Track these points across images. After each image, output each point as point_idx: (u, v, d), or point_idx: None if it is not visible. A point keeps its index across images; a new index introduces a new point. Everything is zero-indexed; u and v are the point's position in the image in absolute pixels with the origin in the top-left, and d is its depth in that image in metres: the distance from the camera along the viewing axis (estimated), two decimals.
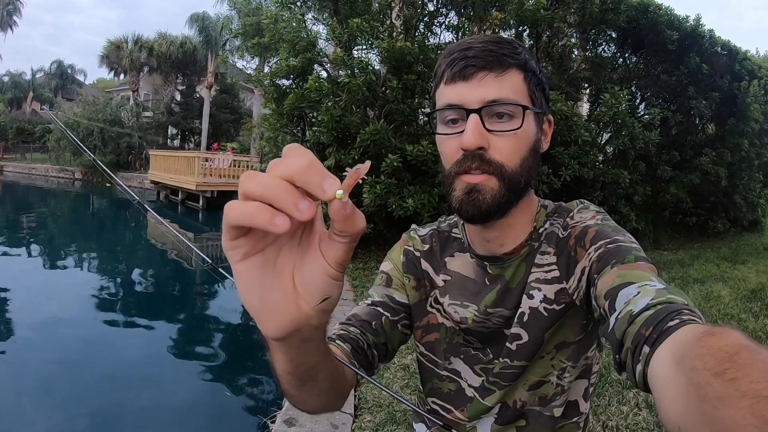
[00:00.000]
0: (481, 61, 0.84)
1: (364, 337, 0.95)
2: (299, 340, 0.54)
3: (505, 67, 0.85)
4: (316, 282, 0.47)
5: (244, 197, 0.43)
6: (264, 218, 0.41)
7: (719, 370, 0.39)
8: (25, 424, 4.36)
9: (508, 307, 0.94)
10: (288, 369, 0.62)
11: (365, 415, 3.40)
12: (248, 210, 0.41)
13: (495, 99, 0.83)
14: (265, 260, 0.46)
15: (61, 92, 46.58)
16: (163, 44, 31.22)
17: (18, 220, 17.09)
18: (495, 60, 0.84)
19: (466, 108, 0.84)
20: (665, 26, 8.76)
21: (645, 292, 0.65)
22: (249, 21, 12.66)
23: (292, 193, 0.41)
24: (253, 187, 0.42)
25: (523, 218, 0.94)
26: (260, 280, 0.46)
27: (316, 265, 0.47)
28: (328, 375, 0.71)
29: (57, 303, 7.68)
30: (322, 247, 0.46)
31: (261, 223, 0.41)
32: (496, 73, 0.84)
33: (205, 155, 19.58)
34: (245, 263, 0.46)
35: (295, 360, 0.60)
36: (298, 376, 0.64)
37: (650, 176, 9.48)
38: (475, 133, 0.82)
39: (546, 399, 0.96)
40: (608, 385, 3.81)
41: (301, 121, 7.87)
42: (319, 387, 0.71)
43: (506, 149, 0.84)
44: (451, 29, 7.89)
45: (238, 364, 6.03)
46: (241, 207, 0.42)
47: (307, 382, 0.68)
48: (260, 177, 0.42)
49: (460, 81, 0.85)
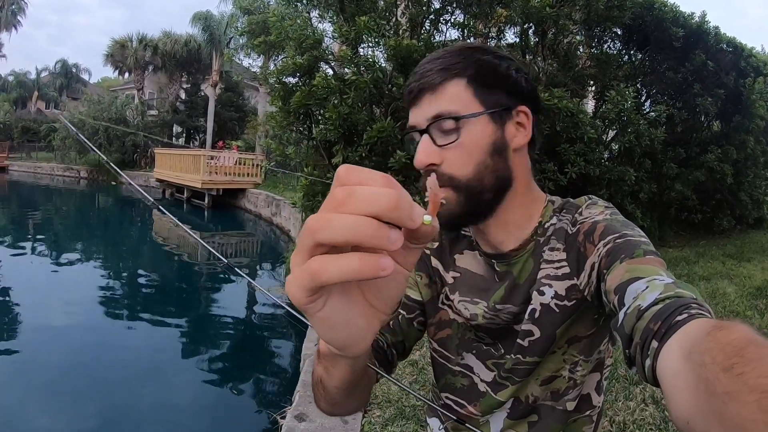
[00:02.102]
0: (419, 83, 0.89)
1: (383, 337, 0.98)
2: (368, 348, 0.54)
3: (440, 81, 0.88)
4: (396, 291, 0.46)
5: (318, 246, 0.39)
6: (371, 269, 0.38)
7: (727, 365, 0.40)
8: (34, 421, 4.39)
9: (516, 303, 0.95)
10: (348, 378, 0.65)
11: (375, 410, 3.43)
12: (350, 266, 0.38)
13: (435, 115, 0.87)
14: (340, 297, 0.44)
15: (66, 91, 46.58)
16: (167, 43, 31.14)
17: (24, 219, 17.12)
18: (431, 77, 0.88)
19: (418, 129, 0.89)
20: (671, 23, 8.70)
21: (653, 287, 0.65)
22: (255, 19, 12.65)
23: (382, 229, 0.38)
24: (336, 234, 0.38)
25: (518, 215, 0.95)
26: (343, 317, 0.45)
27: (396, 276, 0.45)
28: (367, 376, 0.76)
29: (63, 301, 7.70)
30: (397, 257, 0.43)
31: (369, 275, 0.38)
32: (432, 89, 0.88)
33: (210, 153, 19.58)
34: (326, 310, 0.43)
35: (357, 368, 0.63)
36: (353, 383, 0.67)
37: (656, 173, 9.43)
38: (423, 152, 0.87)
39: (558, 393, 0.97)
40: (615, 381, 3.83)
41: (307, 118, 7.87)
42: (362, 387, 0.76)
43: (455, 161, 0.87)
44: (457, 27, 7.88)
45: (247, 361, 6.05)
46: (338, 264, 0.38)
47: (357, 387, 0.72)
48: (340, 221, 0.38)
49: (413, 106, 0.91)
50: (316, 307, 0.43)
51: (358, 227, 0.37)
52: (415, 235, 0.42)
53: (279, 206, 15.13)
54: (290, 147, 8.40)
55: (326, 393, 0.72)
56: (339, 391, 0.69)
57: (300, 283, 0.40)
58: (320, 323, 0.44)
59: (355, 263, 0.38)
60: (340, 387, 0.68)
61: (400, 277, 0.45)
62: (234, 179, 18.84)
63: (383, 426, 3.25)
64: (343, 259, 0.38)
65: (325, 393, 0.72)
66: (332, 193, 0.40)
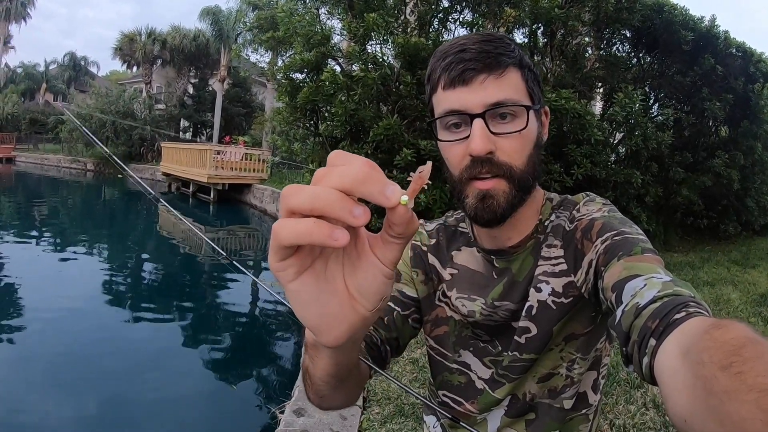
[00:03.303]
0: (479, 63, 0.83)
1: (377, 333, 0.96)
2: (351, 342, 0.54)
3: (503, 66, 0.84)
4: (375, 285, 0.45)
5: (290, 213, 0.41)
6: (322, 234, 0.39)
7: (725, 364, 0.40)
8: (37, 410, 4.40)
9: (514, 300, 0.95)
10: (332, 372, 0.64)
11: (374, 407, 3.43)
12: (303, 228, 0.39)
13: (498, 101, 0.82)
14: (316, 274, 0.45)
15: (74, 84, 46.75)
16: (176, 37, 31.27)
17: (30, 210, 17.19)
18: (493, 60, 0.83)
19: (469, 113, 0.83)
20: (680, 26, 8.67)
21: (651, 285, 0.65)
22: (263, 14, 12.68)
23: (345, 201, 0.39)
24: (302, 200, 0.40)
25: (529, 212, 0.94)
26: (316, 295, 0.45)
27: (373, 270, 0.45)
28: (357, 371, 0.75)
29: (67, 292, 7.72)
30: (376, 251, 0.45)
31: (319, 240, 0.39)
32: (496, 74, 0.83)
33: (216, 148, 19.58)
34: (298, 282, 0.44)
35: (341, 362, 0.62)
36: (339, 377, 0.66)
37: (662, 177, 9.41)
38: (483, 138, 0.82)
39: (555, 391, 0.97)
40: (616, 384, 3.82)
41: (314, 114, 7.88)
42: (350, 383, 0.75)
43: (513, 150, 0.84)
44: (465, 26, 7.88)
45: (248, 356, 6.05)
46: (294, 226, 0.40)
47: (344, 381, 0.70)
48: (308, 189, 0.40)
49: (460, 86, 0.84)
50: (287, 276, 0.43)
51: (320, 195, 0.39)
52: (392, 219, 0.43)
53: None
54: (296, 143, 8.41)
55: (313, 384, 0.71)
56: (324, 383, 0.68)
57: (270, 247, 0.42)
58: (292, 296, 0.45)
59: (309, 226, 0.39)
60: (325, 380, 0.67)
61: (376, 269, 0.45)
62: (240, 174, 18.82)
63: (382, 423, 3.25)
64: (301, 222, 0.39)
65: (311, 384, 0.72)
66: (316, 172, 0.42)
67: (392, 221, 0.43)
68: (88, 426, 4.27)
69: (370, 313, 0.46)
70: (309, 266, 0.44)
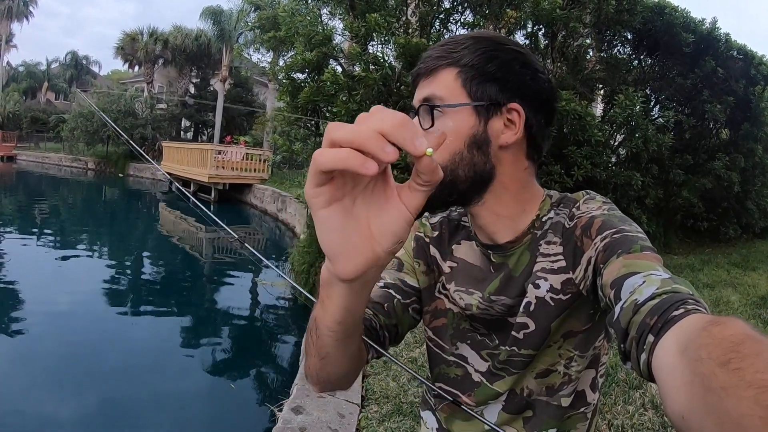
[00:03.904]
0: (418, 68, 0.94)
1: (377, 318, 0.97)
2: (362, 283, 0.59)
3: (434, 66, 0.91)
4: (396, 227, 0.52)
5: (331, 144, 0.46)
6: (357, 161, 0.44)
7: (724, 360, 0.40)
8: (37, 408, 4.41)
9: (510, 295, 0.95)
10: (339, 318, 0.66)
11: (372, 406, 3.43)
12: (340, 155, 0.45)
13: (424, 98, 0.90)
14: (344, 208, 0.51)
15: (76, 83, 46.82)
16: (178, 37, 31.26)
17: (31, 208, 17.21)
18: (429, 62, 0.92)
19: (413, 110, 0.92)
20: (681, 29, 8.66)
21: (650, 282, 0.65)
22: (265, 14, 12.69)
23: (380, 139, 0.45)
24: (343, 134, 0.46)
25: (512, 209, 0.94)
26: (341, 224, 0.51)
27: (397, 213, 0.51)
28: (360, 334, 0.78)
29: (67, 290, 7.74)
30: (403, 196, 0.51)
31: (353, 166, 0.45)
32: (427, 74, 0.92)
33: (218, 148, 19.60)
34: (328, 210, 0.50)
35: (351, 307, 0.64)
36: (345, 326, 0.68)
37: (663, 179, 9.41)
38: None
39: (553, 389, 0.97)
40: (615, 385, 3.82)
41: (315, 114, 7.88)
42: (353, 345, 0.77)
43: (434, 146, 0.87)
44: (467, 27, 7.87)
45: (248, 354, 6.07)
46: (333, 153, 0.46)
47: (350, 337, 0.72)
48: (349, 126, 0.46)
49: (414, 88, 0.95)
50: (319, 202, 0.50)
51: (359, 131, 0.45)
52: (419, 168, 0.49)
53: (285, 202, 15.14)
54: (297, 143, 8.41)
55: (318, 338, 0.72)
56: (331, 333, 0.69)
57: (309, 173, 0.48)
58: (320, 221, 0.51)
59: (345, 154, 0.45)
60: (333, 328, 0.68)
61: (400, 213, 0.51)
62: (241, 174, 18.85)
63: (380, 421, 3.25)
64: (339, 150, 0.45)
65: (317, 338, 0.72)
66: (359, 115, 0.48)
67: (419, 169, 0.49)
68: (87, 424, 4.28)
69: (384, 253, 0.53)
70: (339, 199, 0.50)
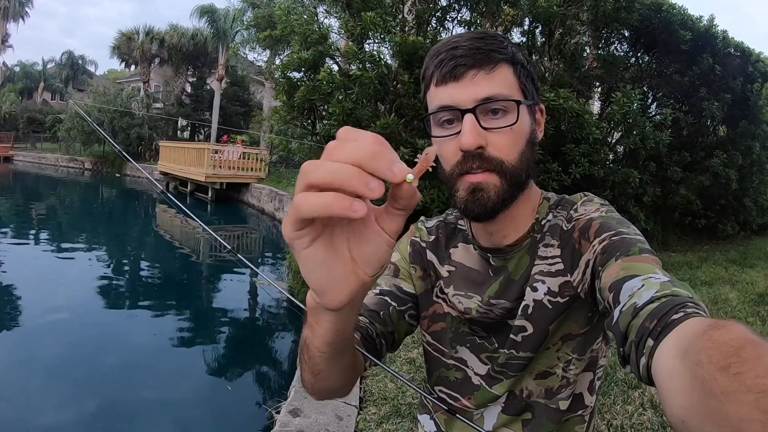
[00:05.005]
0: (470, 59, 0.84)
1: (373, 326, 0.96)
2: (350, 307, 0.57)
3: (494, 62, 0.85)
4: (378, 253, 0.50)
5: (309, 187, 0.44)
6: (343, 206, 0.42)
7: (724, 365, 0.39)
8: (35, 409, 4.40)
9: (510, 299, 0.95)
10: (330, 339, 0.64)
11: (370, 408, 3.42)
12: (325, 202, 0.43)
13: (488, 96, 0.83)
14: (325, 242, 0.49)
15: (72, 83, 46.73)
16: (174, 36, 31.19)
17: (28, 209, 17.18)
18: (484, 57, 0.84)
19: (460, 108, 0.84)
20: (678, 26, 8.67)
21: (649, 285, 0.65)
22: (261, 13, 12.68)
23: (361, 175, 0.43)
24: (322, 176, 0.43)
25: (525, 209, 0.94)
26: (324, 260, 0.49)
27: (377, 239, 0.49)
28: (352, 348, 0.77)
29: (64, 291, 7.73)
30: (380, 222, 0.49)
31: (340, 212, 0.42)
32: (487, 70, 0.84)
33: (214, 147, 19.58)
34: (310, 249, 0.48)
35: (340, 329, 0.63)
36: (336, 346, 0.67)
37: (660, 177, 9.42)
38: (473, 133, 0.82)
39: (552, 391, 0.97)
40: (614, 384, 3.81)
41: (311, 113, 7.88)
42: (346, 359, 0.75)
43: (504, 145, 0.85)
44: (464, 24, 7.87)
45: (246, 356, 6.06)
46: (315, 199, 0.43)
47: (340, 354, 0.71)
48: (327, 165, 0.43)
49: (452, 81, 0.85)
50: (302, 243, 0.47)
51: (339, 170, 0.43)
52: (397, 194, 0.47)
53: (282, 201, 15.13)
54: (294, 142, 8.40)
55: (310, 358, 0.71)
56: (321, 354, 0.68)
57: (288, 217, 0.46)
58: (303, 260, 0.49)
59: (329, 200, 0.43)
60: (322, 349, 0.67)
61: (380, 239, 0.49)
62: (238, 173, 18.85)
63: (378, 423, 3.25)
64: (321, 195, 0.43)
65: (308, 358, 0.72)
66: (327, 145, 0.46)
67: (397, 195, 0.47)
68: (84, 425, 4.26)
69: (370, 278, 0.51)
70: (320, 234, 0.48)
